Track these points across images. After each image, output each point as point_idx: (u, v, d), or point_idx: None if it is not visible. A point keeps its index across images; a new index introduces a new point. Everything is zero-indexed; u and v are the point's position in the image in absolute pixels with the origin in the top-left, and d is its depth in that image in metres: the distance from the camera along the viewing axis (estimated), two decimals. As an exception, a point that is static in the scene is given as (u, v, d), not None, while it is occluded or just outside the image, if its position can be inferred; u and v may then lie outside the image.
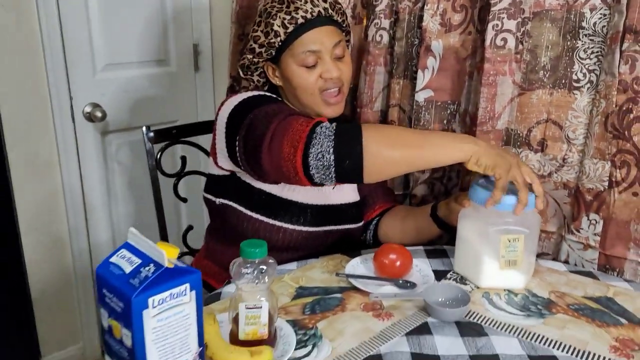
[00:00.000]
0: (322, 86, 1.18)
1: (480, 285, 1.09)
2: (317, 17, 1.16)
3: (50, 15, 1.67)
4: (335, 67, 1.17)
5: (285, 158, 0.98)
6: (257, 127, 1.04)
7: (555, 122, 1.22)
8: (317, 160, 0.95)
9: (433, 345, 0.90)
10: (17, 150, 1.70)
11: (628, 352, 0.89)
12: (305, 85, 1.18)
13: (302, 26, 1.15)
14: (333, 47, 1.18)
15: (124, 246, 0.72)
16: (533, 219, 1.07)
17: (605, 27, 1.14)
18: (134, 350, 0.68)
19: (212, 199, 1.27)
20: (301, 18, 1.15)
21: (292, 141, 0.97)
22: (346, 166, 0.95)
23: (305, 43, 1.16)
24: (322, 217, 1.24)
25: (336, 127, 0.97)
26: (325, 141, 0.95)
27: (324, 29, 1.17)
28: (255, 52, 1.20)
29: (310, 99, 1.19)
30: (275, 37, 1.16)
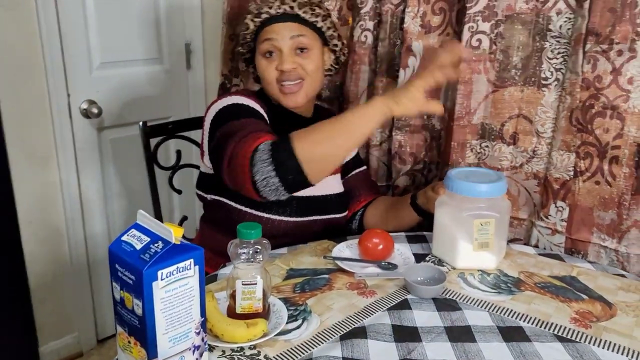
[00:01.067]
0: (279, 78, 1.26)
1: (456, 266, 1.18)
2: (282, 14, 1.26)
3: (49, 15, 1.73)
4: (291, 60, 1.25)
5: (240, 184, 1.07)
6: (219, 148, 1.14)
7: (526, 117, 1.32)
8: (265, 186, 1.04)
9: (412, 318, 1.00)
10: (17, 144, 1.76)
11: (586, 323, 0.99)
12: (264, 75, 1.28)
13: (267, 20, 1.26)
14: (291, 39, 1.25)
15: (133, 226, 0.80)
16: (503, 204, 1.17)
17: (570, 30, 1.24)
18: (144, 318, 0.76)
19: (203, 194, 1.36)
20: (266, 13, 1.26)
21: (241, 170, 1.06)
22: (291, 181, 1.04)
23: (265, 33, 1.26)
24: (307, 208, 1.31)
25: (271, 149, 1.03)
26: (264, 167, 1.03)
27: (287, 24, 1.26)
28: (244, 46, 1.34)
29: (270, 89, 1.29)
30: (246, 30, 1.29)
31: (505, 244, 1.23)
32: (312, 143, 1.04)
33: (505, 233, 1.22)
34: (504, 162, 1.37)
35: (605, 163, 1.23)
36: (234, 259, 0.93)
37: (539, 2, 1.27)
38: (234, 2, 1.77)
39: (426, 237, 1.34)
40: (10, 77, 1.71)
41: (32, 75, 1.76)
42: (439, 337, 0.94)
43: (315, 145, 1.04)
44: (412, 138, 1.51)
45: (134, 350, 0.78)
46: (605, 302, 1.06)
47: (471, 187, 1.13)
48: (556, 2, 1.24)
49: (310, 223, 1.32)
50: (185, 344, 0.80)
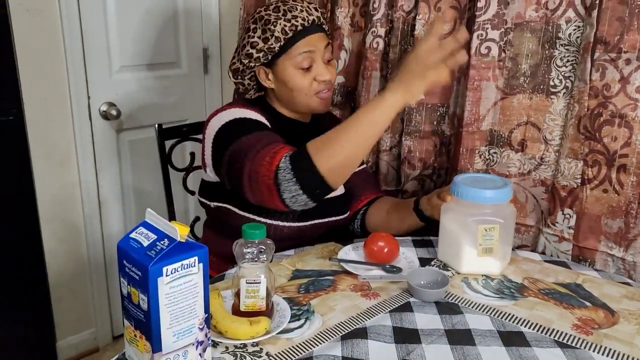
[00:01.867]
0: (316, 88, 1.29)
1: (460, 271, 1.20)
2: (311, 25, 1.28)
3: (71, 21, 1.79)
4: (327, 70, 1.29)
5: (268, 202, 1.11)
6: (234, 167, 1.16)
7: (534, 124, 1.33)
8: (295, 203, 1.09)
9: (413, 321, 1.01)
10: (39, 145, 1.82)
11: (588, 330, 1.00)
12: (301, 87, 1.28)
13: (300, 32, 1.26)
14: (324, 50, 1.29)
15: (142, 224, 0.84)
16: (508, 210, 1.18)
17: (579, 38, 1.24)
18: (150, 313, 0.79)
19: (206, 202, 1.38)
20: (300, 25, 1.26)
21: (266, 189, 1.09)
22: (318, 193, 1.09)
23: (302, 46, 1.27)
24: (309, 212, 1.29)
25: (292, 168, 1.06)
26: (290, 186, 1.06)
27: (317, 35, 1.29)
28: (253, 57, 1.28)
29: (305, 99, 1.30)
30: (275, 42, 1.26)
31: (511, 250, 1.24)
32: (331, 154, 1.06)
33: (511, 239, 1.23)
34: (512, 169, 1.38)
35: (613, 171, 1.23)
36: (239, 259, 0.95)
37: (548, 10, 1.27)
38: (250, 9, 1.81)
39: (432, 241, 1.35)
40: (34, 79, 1.77)
41: (55, 78, 1.82)
42: (438, 339, 0.95)
43: (333, 155, 1.07)
44: (421, 143, 1.53)
45: (140, 344, 0.82)
46: (608, 310, 1.06)
47: (476, 193, 1.14)
48: (565, 11, 1.25)
49: (312, 227, 1.34)
50: (188, 339, 0.83)
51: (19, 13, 1.69)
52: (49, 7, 1.75)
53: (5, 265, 1.78)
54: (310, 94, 1.29)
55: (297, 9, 1.27)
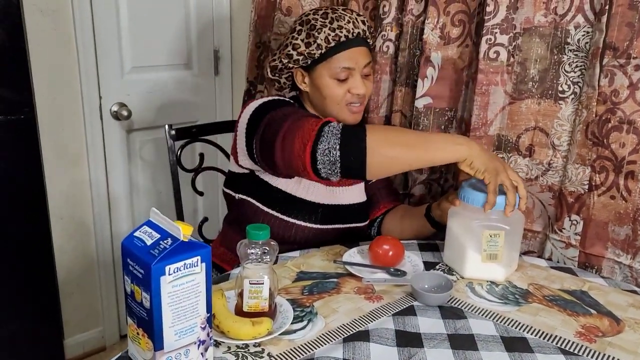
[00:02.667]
0: (349, 100, 1.29)
1: (464, 275, 1.19)
2: (355, 38, 1.28)
3: (84, 22, 1.82)
4: (363, 84, 1.29)
5: (296, 154, 1.09)
6: (272, 126, 1.16)
7: (542, 129, 1.32)
8: (324, 155, 1.07)
9: (416, 324, 1.01)
10: (50, 144, 1.85)
11: (591, 337, 0.99)
12: (334, 96, 1.29)
13: (342, 44, 1.26)
14: (364, 67, 1.29)
15: (146, 223, 0.84)
16: (515, 217, 1.17)
17: (588, 43, 1.24)
18: (152, 311, 0.80)
19: (231, 193, 1.39)
20: (344, 37, 1.26)
21: (302, 139, 1.08)
22: (351, 162, 1.06)
23: (342, 59, 1.27)
24: (331, 216, 1.34)
25: (342, 127, 1.09)
26: (332, 139, 1.06)
27: (360, 49, 1.29)
28: (292, 58, 1.30)
29: (336, 108, 1.30)
30: (317, 49, 1.26)
31: (517, 256, 1.23)
32: (385, 141, 1.07)
33: (518, 246, 1.22)
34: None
35: (621, 178, 1.22)
36: (243, 259, 0.96)
37: (557, 15, 1.27)
38: (261, 11, 1.82)
39: (438, 245, 1.35)
40: (47, 79, 1.79)
41: (67, 78, 1.84)
42: (441, 344, 0.95)
43: (387, 143, 1.07)
44: (429, 148, 1.52)
45: (142, 342, 0.82)
46: (614, 318, 1.05)
47: (483, 198, 1.13)
48: (574, 16, 1.24)
49: (332, 231, 1.35)
50: (190, 338, 0.83)
51: (33, 14, 1.72)
52: (62, 8, 1.78)
53: (15, 262, 1.80)
54: (342, 104, 1.29)
55: (344, 19, 1.27)
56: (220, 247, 1.47)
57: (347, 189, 1.39)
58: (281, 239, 0.98)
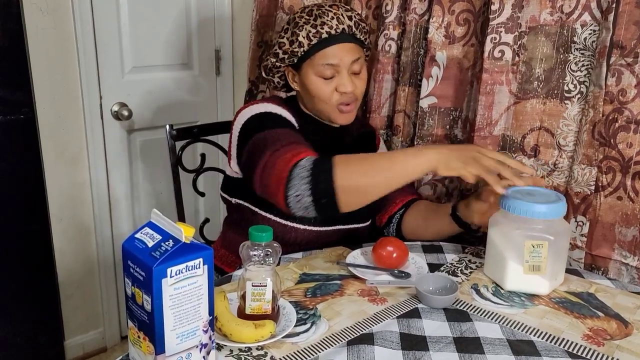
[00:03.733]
0: (337, 99, 1.26)
1: (504, 287, 1.13)
2: (340, 34, 1.24)
3: (84, 21, 1.80)
4: (351, 82, 1.25)
5: (272, 193, 1.09)
6: (255, 152, 1.15)
7: (548, 129, 1.31)
8: (297, 202, 1.05)
9: (421, 327, 1.00)
10: (50, 144, 1.83)
11: (599, 340, 0.97)
12: (320, 95, 1.26)
13: (325, 40, 1.23)
14: (351, 63, 1.25)
15: (147, 224, 0.83)
16: (560, 227, 1.11)
17: (594, 42, 1.22)
18: (153, 314, 0.78)
19: (228, 198, 1.38)
20: (325, 33, 1.23)
21: (277, 178, 1.07)
22: (323, 204, 1.05)
23: (325, 56, 1.24)
24: (331, 217, 1.32)
25: (311, 168, 1.05)
26: (302, 184, 1.04)
27: (346, 45, 1.25)
28: (279, 57, 1.29)
29: (324, 107, 1.28)
30: (299, 47, 1.24)
31: (564, 270, 1.16)
32: (353, 174, 1.05)
33: (564, 258, 1.15)
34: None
35: (628, 178, 1.20)
36: (245, 261, 0.94)
37: (563, 14, 1.25)
38: (262, 11, 1.81)
39: (442, 247, 1.33)
40: (46, 79, 1.78)
41: (67, 78, 1.83)
42: (446, 347, 0.94)
43: (355, 176, 1.05)
44: (432, 148, 1.51)
45: (143, 345, 0.81)
46: (621, 321, 1.03)
47: (526, 207, 1.08)
48: (581, 14, 1.23)
49: (333, 232, 1.33)
50: (192, 342, 0.82)
51: (33, 13, 1.70)
52: (62, 8, 1.77)
53: (15, 263, 1.79)
54: (331, 103, 1.26)
55: (328, 15, 1.24)
56: (221, 249, 1.45)
57: None
58: (282, 241, 0.97)
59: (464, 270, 1.22)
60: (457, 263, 1.25)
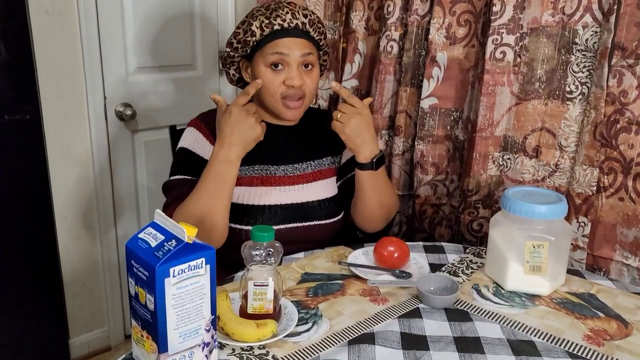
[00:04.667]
0: (284, 92, 1.24)
1: (505, 287, 1.14)
2: (293, 29, 1.24)
3: (89, 22, 1.81)
4: (299, 76, 1.23)
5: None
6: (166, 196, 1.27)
7: (549, 130, 1.31)
8: None
9: (422, 327, 1.00)
10: (55, 144, 1.85)
11: (599, 341, 0.98)
12: (269, 87, 1.24)
13: (277, 32, 1.23)
14: (301, 57, 1.24)
15: (150, 225, 0.84)
16: (561, 228, 1.11)
17: (596, 44, 1.23)
18: (156, 313, 0.79)
19: None
20: (278, 25, 1.23)
21: None
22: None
23: (276, 46, 1.23)
24: (282, 216, 1.28)
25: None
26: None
27: (297, 40, 1.24)
28: (233, 46, 1.28)
29: (271, 100, 1.26)
30: (251, 36, 1.24)
31: (565, 270, 1.16)
32: (185, 211, 1.15)
33: (565, 259, 1.15)
34: (526, 175, 1.36)
35: (630, 179, 1.21)
36: (247, 261, 0.95)
37: (565, 15, 1.26)
38: (265, 11, 1.81)
39: (443, 247, 1.34)
40: (52, 79, 1.79)
41: (72, 79, 1.84)
42: (447, 346, 0.94)
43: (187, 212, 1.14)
44: (434, 148, 1.52)
45: (146, 344, 0.82)
46: (622, 321, 1.04)
47: (527, 207, 1.08)
48: (582, 16, 1.23)
49: (290, 231, 1.29)
50: (195, 340, 0.83)
51: (39, 14, 1.72)
52: (67, 9, 1.78)
53: (20, 262, 1.80)
54: (277, 96, 1.25)
55: (283, 10, 1.24)
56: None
57: (304, 187, 1.33)
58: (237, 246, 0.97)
59: (465, 270, 1.23)
60: (458, 263, 1.26)
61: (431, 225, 1.59)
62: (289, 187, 1.31)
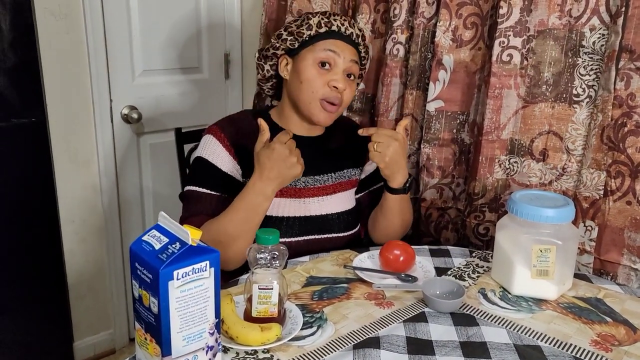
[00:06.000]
0: (325, 93, 1.24)
1: (512, 292, 1.13)
2: (348, 35, 1.26)
3: (96, 25, 1.82)
4: (344, 80, 1.25)
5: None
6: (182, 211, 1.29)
7: (556, 133, 1.30)
8: None
9: (427, 331, 0.99)
10: (61, 147, 1.85)
11: (607, 346, 0.97)
12: (311, 82, 1.23)
13: (333, 32, 1.25)
14: (349, 62, 1.25)
15: (154, 227, 0.84)
16: (568, 232, 1.10)
17: (603, 46, 1.22)
18: (160, 316, 0.79)
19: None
20: (336, 27, 1.25)
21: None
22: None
23: (328, 44, 1.24)
24: (300, 228, 1.29)
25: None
26: None
27: (349, 46, 1.26)
28: (282, 37, 1.27)
29: (308, 97, 1.24)
30: (307, 29, 1.24)
31: (572, 274, 1.15)
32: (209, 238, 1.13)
33: (572, 263, 1.14)
34: (533, 179, 1.35)
35: (637, 183, 1.20)
36: (252, 264, 0.95)
37: (572, 17, 1.25)
38: (272, 15, 1.82)
39: (449, 251, 1.33)
40: (57, 82, 1.80)
41: (78, 81, 1.85)
42: (453, 351, 0.93)
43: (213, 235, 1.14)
44: (440, 152, 1.51)
45: (150, 347, 0.82)
46: (630, 327, 1.03)
47: (535, 211, 1.08)
48: (590, 18, 1.22)
49: (306, 243, 1.30)
50: (198, 344, 0.82)
51: (45, 17, 1.72)
52: (73, 12, 1.78)
53: (26, 265, 1.81)
54: (317, 95, 1.24)
55: (341, 17, 1.27)
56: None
57: (320, 199, 1.33)
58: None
59: (471, 274, 1.22)
60: (465, 267, 1.25)
61: (437, 229, 1.58)
62: (309, 200, 1.31)
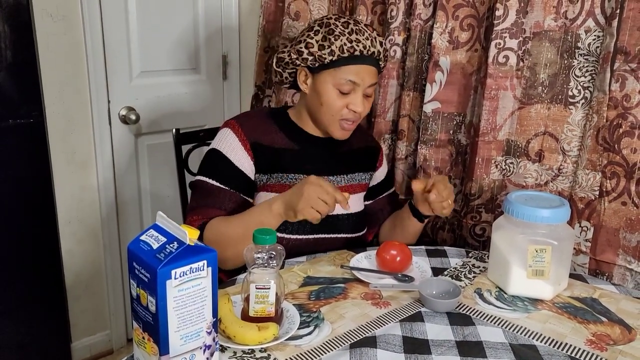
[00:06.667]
0: (345, 115, 1.26)
1: (508, 292, 1.14)
2: (369, 56, 1.25)
3: (94, 27, 1.82)
4: (362, 103, 1.26)
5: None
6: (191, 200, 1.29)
7: (552, 134, 1.31)
8: None
9: (424, 331, 1.00)
10: (59, 147, 1.85)
11: (602, 346, 0.97)
12: (331, 106, 1.25)
13: (355, 57, 1.23)
14: (369, 87, 1.26)
15: (152, 227, 0.84)
16: (563, 232, 1.11)
17: (598, 48, 1.23)
18: (157, 315, 0.79)
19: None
20: (359, 51, 1.23)
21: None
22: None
23: (350, 72, 1.23)
24: (312, 226, 1.28)
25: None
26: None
27: (370, 68, 1.25)
28: (302, 55, 1.25)
29: (328, 118, 1.28)
30: (329, 54, 1.23)
31: (567, 274, 1.16)
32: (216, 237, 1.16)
33: (568, 263, 1.15)
34: (529, 180, 1.36)
35: (633, 184, 1.20)
36: (249, 264, 0.95)
37: (567, 19, 1.26)
38: (269, 16, 1.82)
39: (446, 251, 1.34)
40: (56, 84, 1.80)
41: (76, 83, 1.85)
42: (448, 350, 0.94)
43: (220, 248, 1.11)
44: (437, 152, 1.52)
45: (147, 346, 0.82)
46: (625, 326, 1.03)
47: (530, 212, 1.09)
48: (585, 20, 1.23)
49: (315, 241, 1.31)
50: (196, 343, 0.83)
51: (43, 18, 1.73)
52: (72, 13, 1.79)
53: (23, 265, 1.81)
54: (336, 117, 1.27)
55: (364, 34, 1.24)
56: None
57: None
58: None
59: (467, 274, 1.23)
60: (461, 267, 1.26)
61: (433, 229, 1.59)
62: None
